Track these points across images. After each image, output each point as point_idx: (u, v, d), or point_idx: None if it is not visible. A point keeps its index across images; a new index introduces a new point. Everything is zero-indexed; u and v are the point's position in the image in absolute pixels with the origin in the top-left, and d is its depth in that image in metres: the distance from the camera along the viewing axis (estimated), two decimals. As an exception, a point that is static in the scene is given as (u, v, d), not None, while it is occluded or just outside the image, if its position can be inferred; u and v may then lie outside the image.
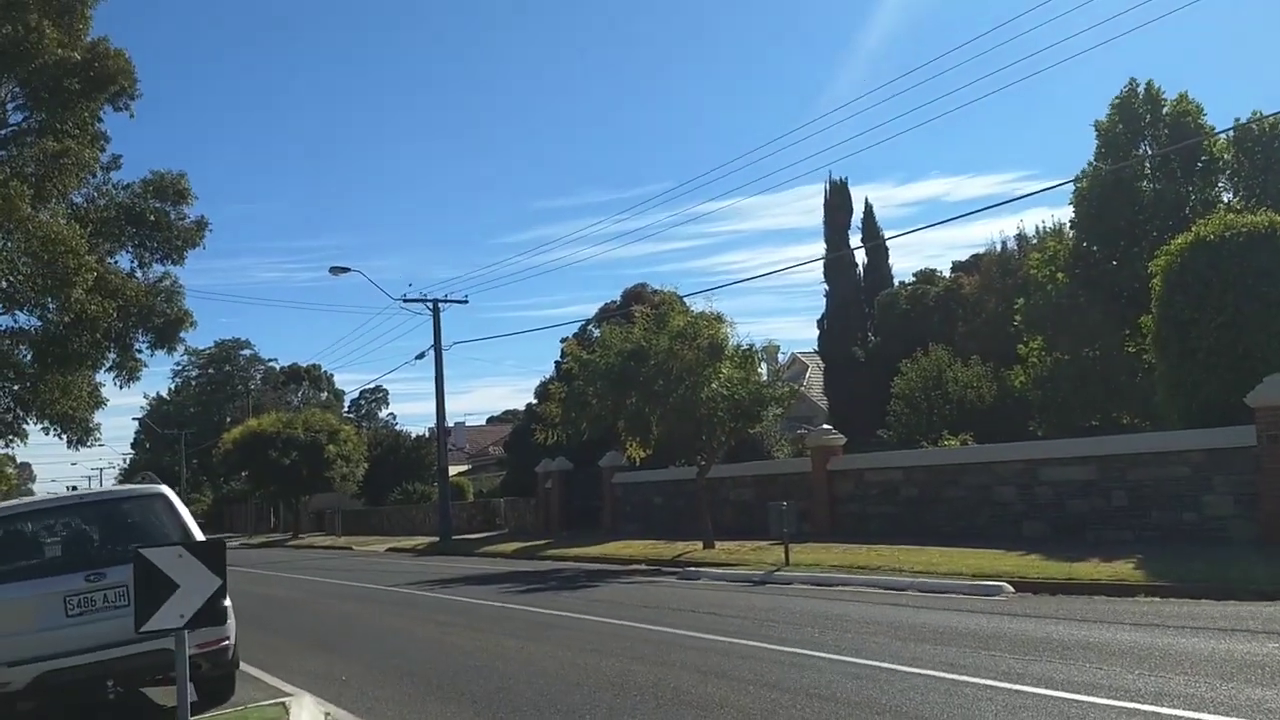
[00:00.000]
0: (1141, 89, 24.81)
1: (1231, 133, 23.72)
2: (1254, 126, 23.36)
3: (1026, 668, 7.49)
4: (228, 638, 8.12)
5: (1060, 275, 24.31)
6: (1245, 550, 14.01)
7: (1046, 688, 6.77)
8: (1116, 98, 25.02)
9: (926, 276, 40.05)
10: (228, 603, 8.10)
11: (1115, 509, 17.02)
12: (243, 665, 9.84)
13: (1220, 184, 24.27)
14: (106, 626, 7.57)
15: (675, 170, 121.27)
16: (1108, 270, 24.06)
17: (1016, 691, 6.72)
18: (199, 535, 8.22)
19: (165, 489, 8.68)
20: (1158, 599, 11.41)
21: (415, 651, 10.39)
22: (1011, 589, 12.76)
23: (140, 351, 32.43)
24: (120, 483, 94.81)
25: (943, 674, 7.42)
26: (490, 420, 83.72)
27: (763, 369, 25.01)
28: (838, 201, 39.96)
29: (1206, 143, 23.61)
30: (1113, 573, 12.93)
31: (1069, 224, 26.56)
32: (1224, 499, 15.55)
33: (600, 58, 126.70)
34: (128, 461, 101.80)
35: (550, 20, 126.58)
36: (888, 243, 41.22)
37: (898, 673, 7.57)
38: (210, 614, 6.29)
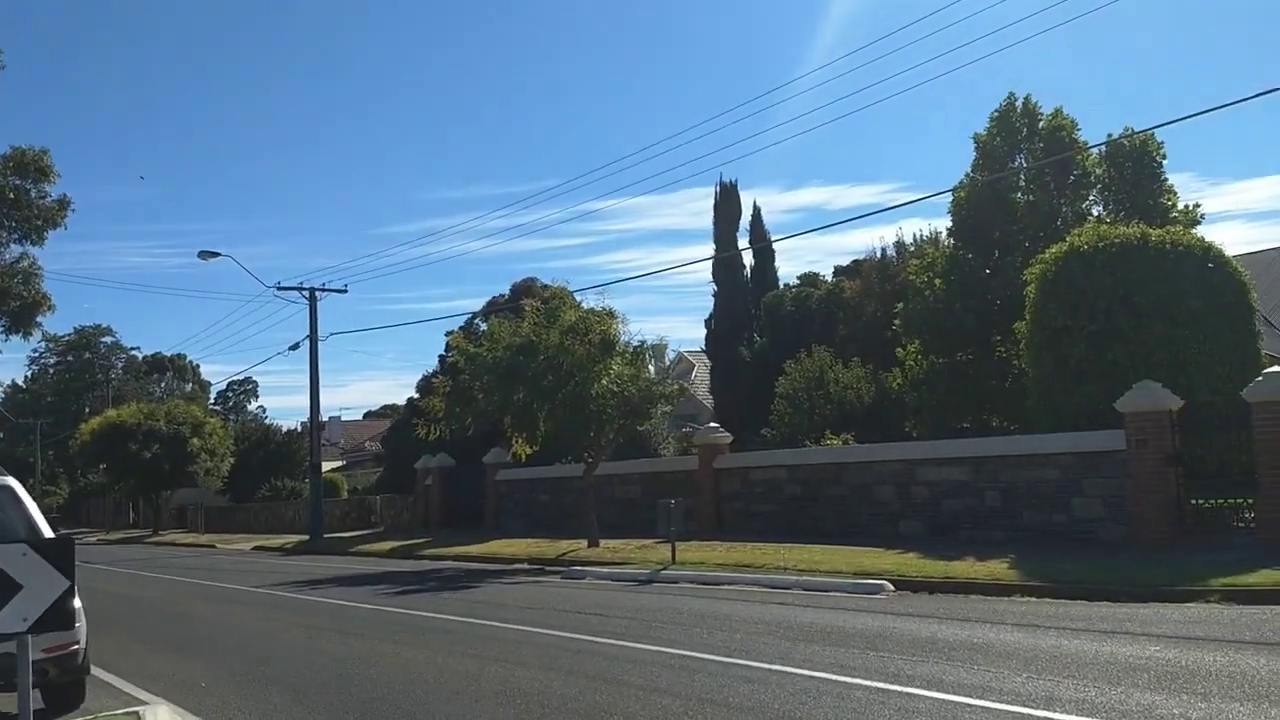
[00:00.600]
0: (1020, 103, 25.55)
1: (1103, 148, 24.60)
2: (1125, 142, 24.24)
3: (916, 669, 7.45)
4: (78, 641, 7.50)
5: (938, 281, 24.87)
6: (1114, 552, 14.48)
7: (938, 690, 6.72)
8: (995, 111, 25.69)
9: (810, 280, 40.65)
10: (78, 604, 7.49)
11: (988, 509, 17.43)
12: (97, 670, 9.19)
13: (1091, 197, 25.16)
14: None
15: (567, 167, 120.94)
16: (982, 278, 24.70)
17: (909, 695, 6.64)
18: (47, 532, 7.58)
19: (11, 481, 7.97)
20: (1033, 599, 11.64)
21: (281, 657, 9.84)
22: (892, 587, 12.89)
23: (-7, 336, 30.64)
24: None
25: (833, 676, 7.32)
26: (367, 415, 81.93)
27: (651, 367, 24.87)
28: (727, 203, 40.20)
29: (1079, 157, 24.45)
30: (988, 572, 13.19)
31: (946, 232, 27.23)
32: (1093, 501, 16.04)
33: (490, 49, 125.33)
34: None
35: (440, 8, 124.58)
36: (774, 246, 41.71)
37: (789, 675, 7.44)
38: (57, 617, 5.76)
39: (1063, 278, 17.68)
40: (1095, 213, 24.68)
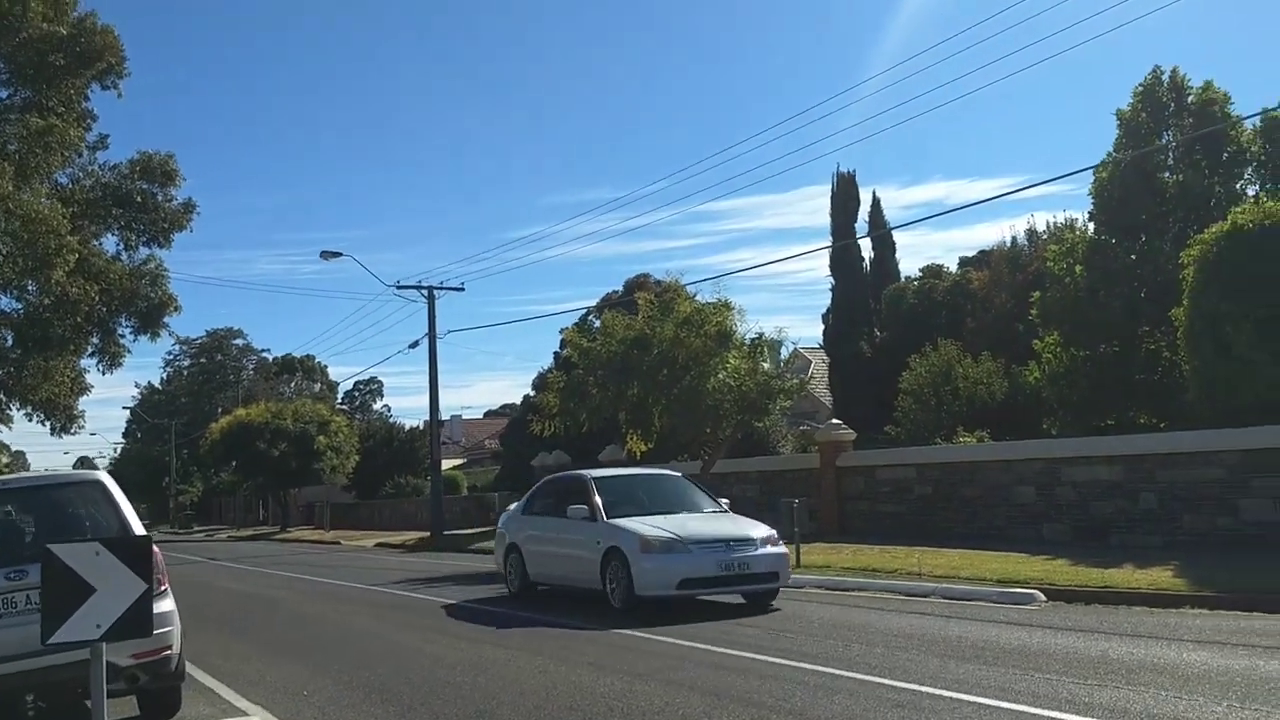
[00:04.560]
0: (1166, 76, 23.76)
1: (1259, 121, 22.66)
2: (1281, 115, 22.27)
3: (1094, 696, 6.45)
4: (170, 646, 7.08)
5: (1079, 268, 23.26)
6: (1290, 558, 13.04)
7: (1124, 722, 5.76)
8: (1140, 85, 23.94)
9: (934, 271, 39.09)
10: (169, 606, 7.10)
11: (1143, 512, 16.02)
12: (199, 673, 8.87)
13: (1246, 175, 23.25)
14: (27, 632, 6.52)
15: (681, 167, 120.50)
16: (1127, 264, 23.05)
17: (1091, 727, 5.69)
18: (139, 529, 7.19)
19: (102, 475, 7.64)
20: (1206, 610, 10.43)
21: (391, 662, 9.35)
22: (1043, 597, 11.74)
23: (123, 337, 31.57)
24: (109, 473, 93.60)
25: (999, 703, 6.36)
26: (487, 414, 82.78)
27: (765, 363, 23.92)
28: (845, 194, 38.85)
29: (1233, 132, 22.59)
30: (1151, 580, 11.95)
31: (1087, 215, 25.59)
32: (1263, 503, 14.55)
33: (608, 53, 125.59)
34: (119, 451, 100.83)
35: (547, 16, 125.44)
36: (894, 238, 40.25)
37: (944, 700, 6.52)
38: (134, 624, 5.27)
39: (1225, 259, 16.13)
40: (1250, 192, 22.79)
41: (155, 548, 7.08)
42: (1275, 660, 7.44)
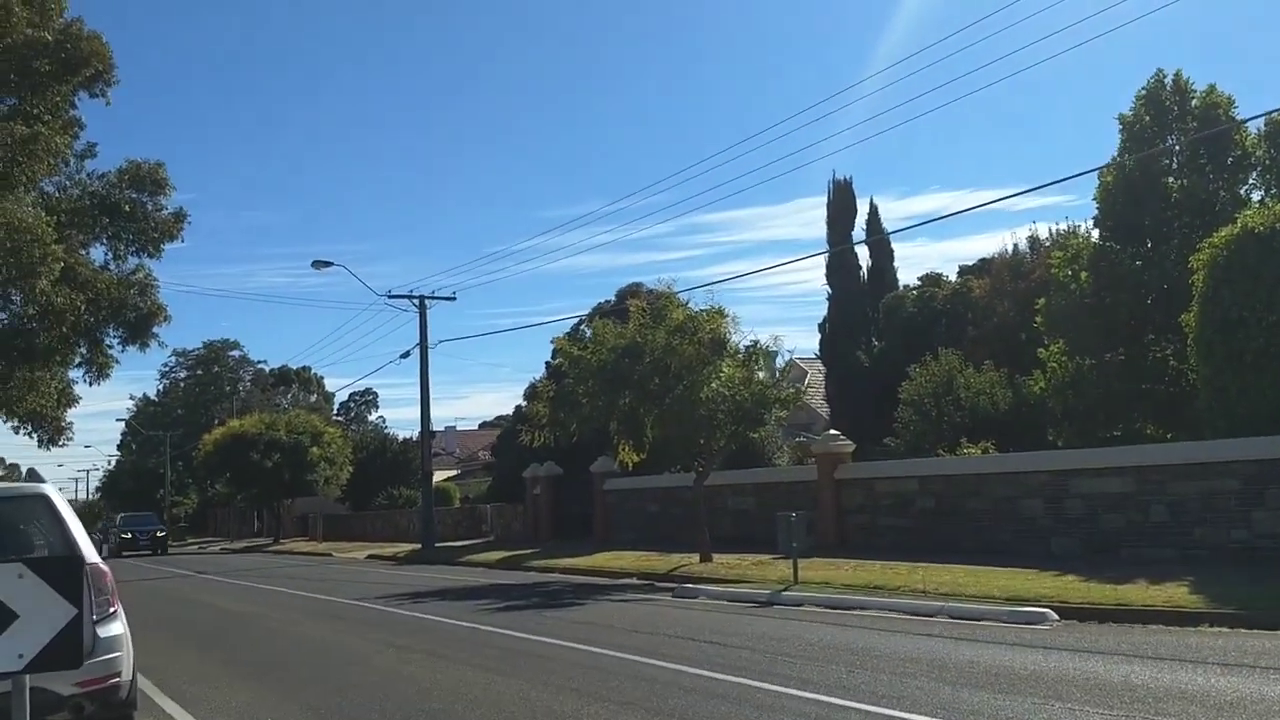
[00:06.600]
0: (1169, 80, 23.32)
1: (1263, 125, 22.22)
2: (1285, 120, 21.82)
3: (1121, 729, 5.93)
4: (119, 673, 6.52)
5: (1084, 274, 22.76)
6: (1308, 573, 12.52)
7: (1159, 761, 5.22)
8: (1142, 89, 23.52)
9: (933, 280, 38.60)
10: (119, 629, 6.56)
11: (1155, 525, 15.51)
12: (160, 697, 8.36)
13: (1251, 180, 22.81)
14: None
15: (673, 172, 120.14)
16: (1133, 270, 22.56)
17: (1123, 767, 5.16)
18: (86, 546, 6.64)
19: (47, 489, 7.08)
20: (1226, 629, 9.92)
21: (365, 686, 8.80)
22: (1056, 616, 11.20)
23: (111, 347, 30.99)
24: (103, 486, 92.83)
25: (1016, 736, 5.85)
26: (482, 425, 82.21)
27: (760, 373, 23.38)
28: (841, 202, 38.38)
29: (1237, 136, 22.15)
30: (1167, 598, 11.42)
31: (1092, 221, 25.12)
32: (1278, 515, 14.04)
33: (605, 64, 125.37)
34: (113, 463, 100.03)
35: (545, 29, 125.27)
36: (892, 247, 39.77)
37: (958, 734, 6.00)
38: (63, 653, 4.73)
39: (1236, 263, 15.64)
40: (1255, 197, 22.35)
41: (105, 567, 6.60)
42: (1312, 687, 6.92)
